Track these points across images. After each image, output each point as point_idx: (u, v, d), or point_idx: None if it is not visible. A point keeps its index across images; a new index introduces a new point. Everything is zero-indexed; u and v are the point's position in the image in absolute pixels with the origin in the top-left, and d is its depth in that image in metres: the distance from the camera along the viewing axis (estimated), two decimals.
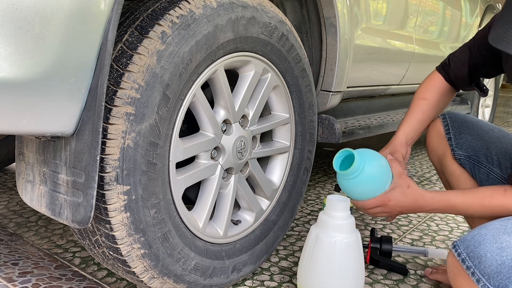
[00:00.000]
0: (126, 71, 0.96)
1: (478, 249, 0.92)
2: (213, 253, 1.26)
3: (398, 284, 1.45)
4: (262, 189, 1.42)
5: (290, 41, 1.35)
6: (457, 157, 1.36)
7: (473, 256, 0.92)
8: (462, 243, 0.96)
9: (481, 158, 1.33)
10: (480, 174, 1.34)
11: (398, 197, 1.20)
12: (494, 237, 0.93)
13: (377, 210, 1.24)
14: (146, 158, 1.01)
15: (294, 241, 1.73)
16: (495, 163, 1.32)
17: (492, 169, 1.33)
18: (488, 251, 0.91)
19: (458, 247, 0.96)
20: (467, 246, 0.95)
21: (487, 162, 1.33)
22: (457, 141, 1.36)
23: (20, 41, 0.77)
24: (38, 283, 1.32)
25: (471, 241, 0.95)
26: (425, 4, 2.42)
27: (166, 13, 1.02)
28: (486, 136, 1.35)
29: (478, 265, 0.91)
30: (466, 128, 1.36)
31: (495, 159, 1.32)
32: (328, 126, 1.74)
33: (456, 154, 1.36)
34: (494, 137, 1.35)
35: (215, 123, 1.20)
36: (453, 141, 1.36)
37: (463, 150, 1.35)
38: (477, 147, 1.34)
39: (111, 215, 0.99)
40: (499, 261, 0.89)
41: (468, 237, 0.96)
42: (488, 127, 1.37)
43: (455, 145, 1.36)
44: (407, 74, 2.43)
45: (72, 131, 0.91)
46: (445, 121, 1.38)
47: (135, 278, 1.12)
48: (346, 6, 1.63)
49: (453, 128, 1.37)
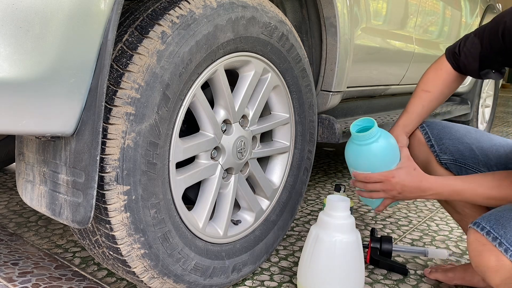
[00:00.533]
0: (126, 71, 0.96)
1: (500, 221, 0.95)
2: (213, 253, 1.26)
3: (398, 284, 1.45)
4: (262, 189, 1.42)
5: (290, 41, 1.35)
6: (443, 162, 1.36)
7: (498, 227, 0.94)
8: (483, 220, 0.98)
9: (467, 160, 1.34)
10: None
11: (402, 175, 1.20)
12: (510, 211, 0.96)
13: (376, 186, 1.23)
14: (146, 158, 1.01)
15: (294, 241, 1.73)
16: (481, 163, 1.33)
17: (479, 169, 1.33)
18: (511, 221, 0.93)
19: (479, 223, 0.98)
20: (489, 220, 0.96)
21: (473, 162, 1.34)
22: (440, 146, 1.37)
23: (20, 41, 0.77)
24: (38, 283, 1.32)
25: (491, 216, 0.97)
26: (425, 4, 2.42)
27: (166, 13, 1.02)
28: (466, 138, 1.36)
29: (504, 234, 0.92)
30: (445, 133, 1.38)
31: (481, 158, 1.33)
32: (328, 126, 1.74)
33: (441, 159, 1.36)
34: (473, 138, 1.36)
35: (215, 123, 1.20)
36: (436, 148, 1.37)
37: (448, 155, 1.36)
38: (460, 149, 1.35)
39: (111, 215, 0.99)
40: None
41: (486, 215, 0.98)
42: (465, 129, 1.39)
43: (439, 151, 1.36)
44: (407, 74, 2.43)
45: (72, 131, 0.91)
46: (424, 129, 1.39)
47: (135, 278, 1.12)
48: (346, 6, 1.63)
49: (433, 135, 1.38)
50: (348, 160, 1.29)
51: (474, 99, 3.55)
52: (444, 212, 2.14)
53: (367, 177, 1.24)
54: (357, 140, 1.23)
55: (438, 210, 2.18)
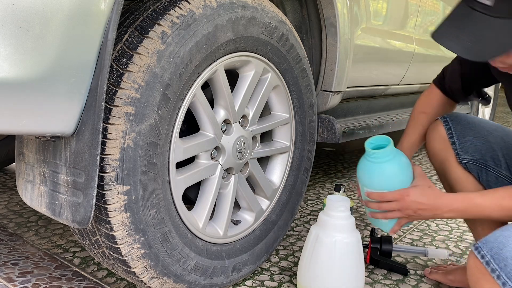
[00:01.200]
0: (126, 71, 0.96)
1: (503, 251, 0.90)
2: (213, 253, 1.26)
3: (398, 284, 1.45)
4: (262, 189, 1.42)
5: (290, 41, 1.35)
6: (463, 161, 1.30)
7: (498, 259, 0.90)
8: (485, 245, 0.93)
9: (489, 162, 1.28)
10: (488, 177, 1.29)
11: (417, 193, 1.17)
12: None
13: (391, 206, 1.20)
14: (146, 158, 1.01)
15: (294, 241, 1.73)
16: (503, 165, 1.28)
17: (501, 172, 1.28)
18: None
19: (481, 249, 0.93)
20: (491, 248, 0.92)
21: (495, 165, 1.28)
22: (462, 145, 1.30)
23: (20, 41, 0.77)
24: (38, 283, 1.32)
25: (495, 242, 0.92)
26: (425, 4, 2.42)
27: (166, 13, 1.02)
28: (491, 137, 1.30)
29: (504, 268, 0.89)
30: (469, 130, 1.31)
31: (503, 161, 1.28)
32: (328, 126, 1.74)
33: (461, 158, 1.30)
34: (498, 137, 1.30)
35: (215, 123, 1.20)
36: (457, 145, 1.31)
37: (469, 154, 1.29)
38: (483, 150, 1.29)
39: (111, 215, 0.99)
40: None
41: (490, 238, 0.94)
42: (491, 127, 1.33)
43: (460, 149, 1.30)
44: (407, 74, 2.43)
45: (72, 131, 0.91)
46: (447, 124, 1.33)
47: (135, 278, 1.12)
48: (346, 6, 1.63)
49: (456, 131, 1.31)
50: (361, 178, 1.26)
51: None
52: None
53: (382, 196, 1.20)
54: (373, 157, 1.21)
55: None
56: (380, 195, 1.21)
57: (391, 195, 1.19)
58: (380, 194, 1.21)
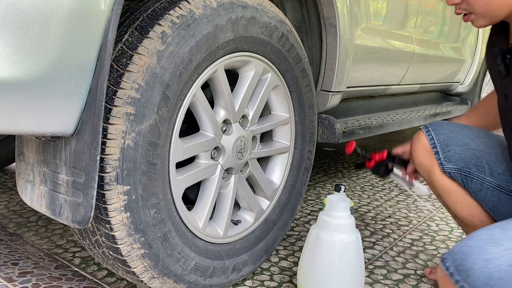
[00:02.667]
0: (126, 71, 0.96)
1: (465, 262, 0.91)
2: (213, 253, 1.26)
3: (398, 284, 1.45)
4: (262, 189, 1.42)
5: (290, 41, 1.35)
6: (447, 170, 1.30)
7: (461, 270, 0.91)
8: (450, 256, 0.94)
9: (472, 169, 1.28)
10: (472, 185, 1.29)
11: None
12: (481, 248, 0.91)
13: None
14: (146, 158, 1.01)
15: (294, 241, 1.73)
16: (487, 172, 1.27)
17: (485, 179, 1.27)
18: (475, 264, 0.89)
19: (446, 260, 0.94)
20: (455, 259, 0.93)
21: (479, 172, 1.27)
22: (445, 154, 1.29)
23: (20, 41, 0.77)
24: (38, 283, 1.32)
25: (458, 253, 0.93)
26: (425, 4, 2.42)
27: (166, 13, 1.02)
28: (473, 144, 1.29)
29: (467, 278, 0.89)
30: (452, 139, 1.30)
31: (487, 167, 1.27)
32: (328, 126, 1.74)
33: (445, 168, 1.30)
34: (481, 143, 1.30)
35: (215, 123, 1.20)
36: (440, 155, 1.30)
37: (453, 163, 1.29)
38: (466, 158, 1.28)
39: (111, 215, 0.99)
40: (487, 273, 0.88)
41: (455, 249, 0.94)
42: (474, 133, 1.32)
43: (443, 159, 1.29)
44: (407, 74, 2.43)
45: (72, 131, 0.91)
46: (429, 134, 1.32)
47: (135, 278, 1.12)
48: (346, 6, 1.63)
49: (438, 141, 1.31)
50: None
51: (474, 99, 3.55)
52: (445, 212, 2.14)
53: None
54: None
55: (438, 210, 2.18)
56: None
57: None
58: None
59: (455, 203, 1.34)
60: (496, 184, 1.27)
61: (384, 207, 2.21)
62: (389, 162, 1.53)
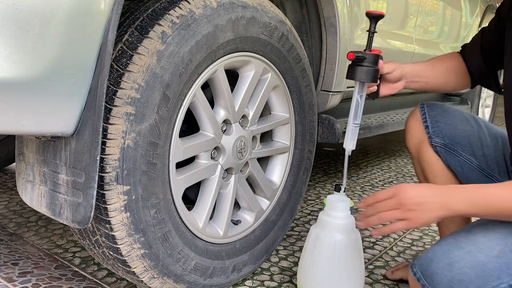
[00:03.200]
0: (126, 71, 0.96)
1: (429, 266, 0.93)
2: (213, 253, 1.26)
3: (398, 284, 1.45)
4: (262, 189, 1.42)
5: (290, 41, 1.35)
6: (433, 144, 1.38)
7: (426, 274, 0.93)
8: (417, 262, 0.96)
9: (457, 147, 1.35)
10: (455, 162, 1.36)
11: (413, 185, 1.02)
12: (445, 253, 0.93)
13: (389, 204, 1.02)
14: (146, 158, 1.01)
15: (294, 241, 1.73)
16: (469, 152, 1.35)
17: (467, 158, 1.35)
18: (438, 268, 0.92)
19: (414, 266, 0.96)
20: (421, 264, 0.95)
21: (462, 150, 1.35)
22: (434, 128, 1.38)
23: (20, 41, 0.77)
24: (38, 283, 1.32)
25: (425, 259, 0.95)
26: (425, 4, 2.42)
27: (166, 13, 1.02)
28: (461, 125, 1.37)
29: (431, 282, 0.92)
30: (442, 117, 1.39)
31: (469, 148, 1.35)
32: (328, 126, 1.74)
33: (433, 141, 1.38)
34: (468, 126, 1.37)
35: (215, 123, 1.20)
36: (430, 129, 1.38)
37: (440, 138, 1.37)
38: (452, 135, 1.36)
39: (111, 215, 0.99)
40: (449, 277, 0.90)
41: (423, 255, 0.96)
42: (464, 117, 1.40)
43: (432, 132, 1.38)
44: None
45: (72, 131, 0.91)
46: (423, 109, 1.41)
47: (135, 278, 1.12)
48: (346, 6, 1.63)
49: (430, 116, 1.39)
50: None
51: (474, 99, 3.56)
52: None
53: (375, 196, 1.06)
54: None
55: None
56: (373, 196, 1.08)
57: (385, 192, 1.05)
58: (372, 196, 1.08)
59: (435, 176, 1.39)
60: (477, 164, 1.34)
61: None
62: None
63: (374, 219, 1.05)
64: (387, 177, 2.79)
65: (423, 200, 0.99)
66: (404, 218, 1.01)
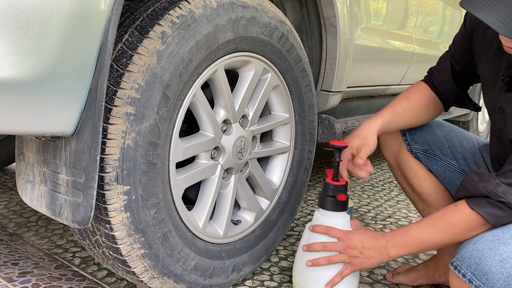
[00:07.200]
0: (126, 71, 0.96)
1: (481, 266, 0.91)
2: (213, 253, 1.26)
3: (398, 284, 1.45)
4: (262, 189, 1.42)
5: (290, 41, 1.35)
6: (413, 151, 1.40)
7: (479, 274, 0.91)
8: (463, 263, 0.94)
9: (436, 151, 1.38)
10: (437, 167, 1.38)
11: (361, 232, 1.18)
12: (492, 250, 0.92)
13: (336, 246, 1.17)
14: (146, 158, 1.01)
15: (294, 241, 1.73)
16: (449, 155, 1.37)
17: (448, 161, 1.37)
18: (492, 266, 0.90)
19: (460, 267, 0.95)
20: (469, 264, 0.93)
21: (442, 155, 1.38)
22: (412, 136, 1.40)
23: (20, 41, 0.77)
24: (38, 283, 1.32)
25: (471, 258, 0.93)
26: (425, 4, 2.42)
27: (166, 13, 1.02)
28: (438, 130, 1.41)
29: (486, 282, 0.90)
30: None
31: (449, 151, 1.37)
32: (328, 126, 1.74)
33: (412, 148, 1.40)
34: (445, 130, 1.41)
35: (215, 123, 1.20)
36: (408, 136, 1.40)
37: (419, 145, 1.39)
38: (431, 141, 1.39)
39: (111, 215, 0.99)
40: (505, 274, 0.88)
41: (465, 255, 0.95)
42: (439, 123, 1.43)
43: (410, 140, 1.40)
44: (407, 74, 2.43)
45: (72, 131, 0.91)
46: None
47: (135, 278, 1.12)
48: (346, 6, 1.63)
49: None
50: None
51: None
52: None
53: (327, 229, 1.19)
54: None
55: None
56: (326, 228, 1.19)
57: (337, 231, 1.18)
58: (326, 227, 1.19)
59: (421, 180, 1.41)
60: (459, 167, 1.37)
61: (384, 207, 2.21)
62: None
63: (324, 260, 1.18)
64: (387, 177, 2.79)
65: (366, 247, 1.14)
66: (349, 263, 1.17)
